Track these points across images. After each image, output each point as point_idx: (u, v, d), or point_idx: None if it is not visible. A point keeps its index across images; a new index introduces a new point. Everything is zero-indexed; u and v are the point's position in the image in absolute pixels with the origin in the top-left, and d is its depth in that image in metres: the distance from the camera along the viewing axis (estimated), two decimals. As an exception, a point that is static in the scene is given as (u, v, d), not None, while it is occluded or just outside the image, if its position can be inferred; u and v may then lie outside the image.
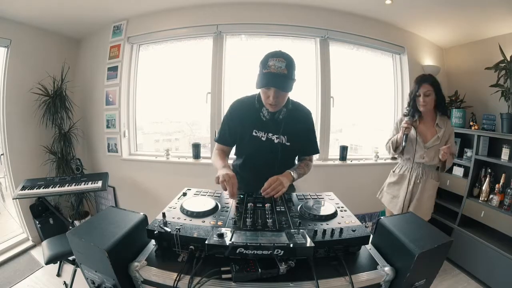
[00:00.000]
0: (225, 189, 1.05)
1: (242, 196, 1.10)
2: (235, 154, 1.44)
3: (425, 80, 1.66)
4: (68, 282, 1.94)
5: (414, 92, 1.70)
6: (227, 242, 0.71)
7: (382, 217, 0.89)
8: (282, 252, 0.69)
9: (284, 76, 1.10)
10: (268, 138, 1.28)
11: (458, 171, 2.50)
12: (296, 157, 1.43)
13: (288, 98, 1.26)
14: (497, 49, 2.29)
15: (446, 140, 1.71)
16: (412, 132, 1.72)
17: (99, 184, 2.30)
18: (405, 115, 1.80)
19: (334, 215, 0.93)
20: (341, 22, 2.61)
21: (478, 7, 2.17)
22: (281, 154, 1.28)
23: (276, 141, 1.27)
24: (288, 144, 1.29)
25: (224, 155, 1.37)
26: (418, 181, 1.75)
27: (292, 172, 1.22)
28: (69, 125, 2.85)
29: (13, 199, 2.31)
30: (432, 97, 1.65)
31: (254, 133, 1.28)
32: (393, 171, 1.91)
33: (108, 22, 2.76)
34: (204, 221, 0.87)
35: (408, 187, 1.77)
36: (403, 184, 1.80)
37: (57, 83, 2.74)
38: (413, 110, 1.75)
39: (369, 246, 0.88)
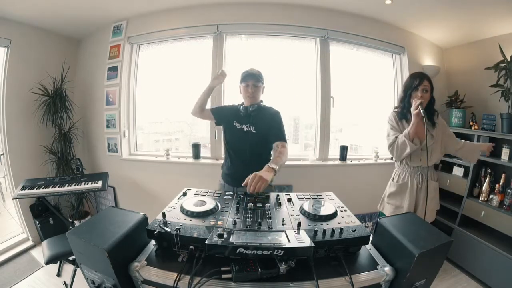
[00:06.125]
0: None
1: (242, 196, 1.11)
2: (223, 142, 1.88)
3: (425, 77, 1.64)
4: (68, 282, 1.95)
5: (412, 86, 1.64)
6: (227, 242, 0.71)
7: (382, 217, 0.89)
8: (282, 252, 0.69)
9: (258, 75, 1.68)
10: (241, 128, 1.70)
11: (458, 171, 2.50)
12: (266, 147, 1.68)
13: (262, 101, 1.76)
14: (497, 49, 2.30)
15: (441, 137, 1.69)
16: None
17: (99, 184, 2.30)
18: (396, 112, 1.75)
19: (334, 215, 0.94)
20: (341, 22, 2.60)
21: (478, 7, 2.17)
22: (251, 140, 1.66)
23: (245, 129, 1.68)
24: (255, 132, 1.66)
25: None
26: (419, 185, 1.69)
27: (270, 165, 1.31)
28: (69, 125, 2.85)
29: (13, 199, 2.31)
30: (428, 95, 1.63)
31: (234, 123, 1.72)
32: (392, 180, 1.83)
33: (108, 22, 2.75)
34: (204, 221, 0.87)
35: (411, 194, 1.71)
36: (406, 193, 1.73)
37: (57, 83, 2.74)
38: (407, 108, 1.67)
39: (369, 246, 0.88)
